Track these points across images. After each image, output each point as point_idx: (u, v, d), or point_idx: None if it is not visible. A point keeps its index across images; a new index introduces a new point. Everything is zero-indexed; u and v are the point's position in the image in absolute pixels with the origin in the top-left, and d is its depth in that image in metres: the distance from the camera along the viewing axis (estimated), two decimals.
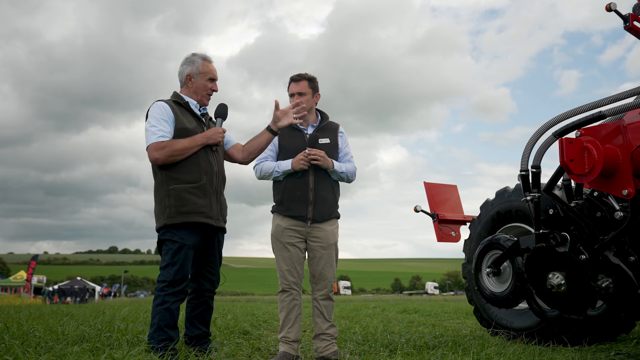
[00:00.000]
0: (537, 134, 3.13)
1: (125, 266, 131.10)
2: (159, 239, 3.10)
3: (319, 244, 3.40)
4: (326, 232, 3.42)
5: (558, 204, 3.12)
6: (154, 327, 2.97)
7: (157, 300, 3.00)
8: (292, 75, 3.54)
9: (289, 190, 3.40)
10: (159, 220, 3.09)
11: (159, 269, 3.06)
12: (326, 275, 3.42)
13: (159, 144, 3.03)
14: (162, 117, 3.09)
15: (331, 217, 3.46)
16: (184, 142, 3.07)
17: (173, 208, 3.03)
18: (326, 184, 3.45)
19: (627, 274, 2.79)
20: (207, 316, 3.30)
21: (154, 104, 3.17)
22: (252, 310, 9.08)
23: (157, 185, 3.13)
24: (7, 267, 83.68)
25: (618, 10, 2.73)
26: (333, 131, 3.58)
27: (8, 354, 2.77)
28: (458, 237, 5.21)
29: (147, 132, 3.09)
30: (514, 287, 3.32)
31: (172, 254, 3.02)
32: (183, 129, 3.12)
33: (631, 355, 3.46)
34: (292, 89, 3.49)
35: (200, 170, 3.11)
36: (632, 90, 2.83)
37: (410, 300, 25.01)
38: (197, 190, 3.08)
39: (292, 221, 3.38)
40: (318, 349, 3.37)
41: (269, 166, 3.44)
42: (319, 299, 3.42)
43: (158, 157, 3.03)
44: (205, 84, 3.25)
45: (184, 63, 3.27)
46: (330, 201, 3.47)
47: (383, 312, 9.58)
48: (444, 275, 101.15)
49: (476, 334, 4.60)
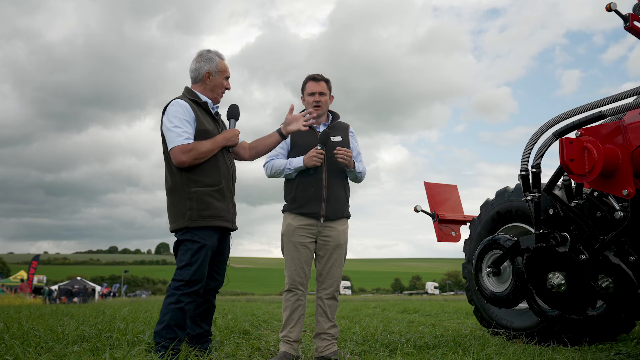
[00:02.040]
0: (537, 134, 3.12)
1: (125, 266, 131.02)
2: (178, 239, 3.07)
3: (329, 244, 3.42)
4: (337, 231, 3.44)
5: (558, 204, 3.12)
6: (163, 324, 2.93)
7: (172, 298, 2.96)
8: (310, 74, 3.56)
9: (302, 188, 3.41)
10: (177, 222, 3.06)
11: (176, 269, 3.04)
12: (334, 275, 3.44)
13: (186, 147, 3.01)
14: (185, 117, 3.06)
15: (343, 215, 3.49)
16: (207, 144, 3.07)
17: (195, 211, 3.02)
18: (339, 182, 3.47)
19: (627, 274, 2.79)
20: (209, 315, 3.30)
21: (175, 103, 3.11)
22: (252, 310, 9.09)
23: (175, 187, 3.09)
24: (7, 267, 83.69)
25: (618, 10, 2.73)
26: (344, 130, 3.61)
27: (8, 354, 2.77)
28: (458, 237, 5.21)
29: (170, 132, 3.05)
30: (514, 287, 3.32)
31: (191, 254, 3.00)
32: (204, 130, 3.11)
33: (631, 355, 3.46)
34: (313, 88, 3.50)
35: (219, 174, 3.13)
36: (632, 90, 2.83)
37: (411, 300, 25.00)
38: (217, 193, 3.10)
39: (304, 220, 3.38)
40: (318, 348, 3.37)
41: (280, 163, 3.44)
42: (324, 297, 3.43)
43: (185, 160, 3.01)
44: (222, 82, 3.27)
45: (200, 60, 3.24)
46: (343, 199, 3.49)
47: (383, 312, 9.58)
48: (444, 275, 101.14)
49: (476, 334, 4.60)
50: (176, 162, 3.03)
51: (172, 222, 3.10)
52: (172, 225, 3.10)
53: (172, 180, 3.11)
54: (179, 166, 3.05)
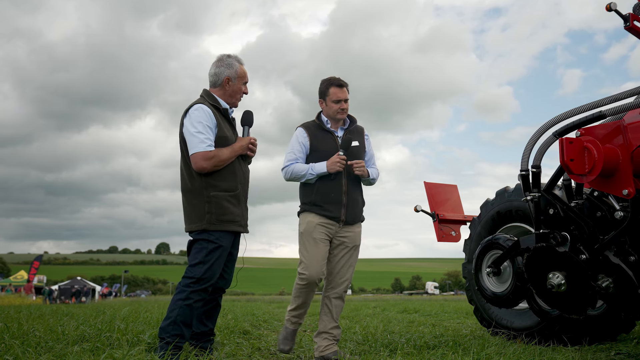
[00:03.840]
0: (537, 133, 3.13)
1: (125, 266, 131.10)
2: (193, 239, 3.11)
3: (345, 244, 3.46)
4: (354, 233, 3.48)
5: (558, 204, 3.12)
6: (169, 320, 2.94)
7: (181, 295, 2.98)
8: (332, 79, 3.52)
9: (323, 193, 3.42)
10: (194, 223, 3.10)
11: (188, 266, 3.07)
12: (346, 275, 3.47)
13: (208, 154, 3.06)
14: (208, 123, 3.11)
15: (360, 219, 3.53)
16: (226, 152, 3.13)
17: (214, 215, 3.07)
18: (357, 187, 3.52)
19: (627, 273, 2.79)
20: (215, 314, 3.32)
21: (199, 107, 3.14)
22: (252, 310, 9.09)
23: (194, 190, 3.13)
24: (7, 267, 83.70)
25: (618, 10, 2.73)
26: (360, 134, 3.63)
27: (8, 354, 2.78)
28: (458, 237, 5.21)
29: (192, 137, 3.08)
30: (514, 286, 3.32)
31: (205, 253, 3.04)
32: (224, 137, 3.16)
33: (631, 355, 3.46)
34: (339, 94, 3.47)
35: (236, 179, 3.18)
36: (632, 90, 2.83)
37: (411, 300, 25.02)
38: (233, 199, 3.15)
39: (325, 220, 3.40)
40: (319, 347, 3.37)
41: (302, 168, 3.44)
42: (332, 297, 3.45)
43: (205, 167, 3.06)
44: (241, 87, 3.31)
45: (220, 65, 3.27)
46: (360, 204, 3.54)
47: (383, 312, 9.58)
48: (444, 275, 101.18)
49: (476, 334, 4.60)
50: (197, 167, 3.08)
51: (190, 223, 3.14)
52: (188, 226, 3.15)
53: (191, 183, 3.15)
54: (199, 171, 3.10)
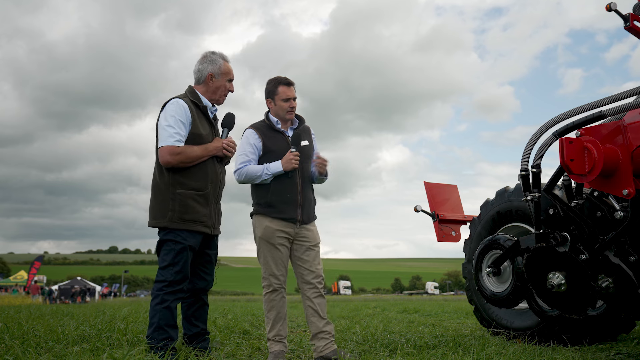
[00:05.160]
0: (537, 133, 3.12)
1: (125, 266, 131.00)
2: (161, 239, 3.09)
3: (308, 244, 3.45)
4: (312, 231, 3.50)
5: (558, 204, 3.12)
6: (153, 326, 2.96)
7: (157, 299, 2.99)
8: (279, 78, 3.50)
9: (278, 193, 3.39)
10: (157, 219, 3.09)
11: (158, 269, 3.05)
12: (317, 272, 3.46)
13: (175, 149, 3.02)
14: (181, 118, 3.08)
15: (314, 218, 3.56)
16: (197, 151, 3.09)
17: (177, 213, 3.04)
18: (309, 187, 3.55)
19: (627, 273, 2.79)
20: (203, 313, 3.31)
21: (174, 102, 3.13)
22: (252, 310, 9.09)
23: (161, 185, 3.11)
24: (7, 267, 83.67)
25: (618, 10, 2.72)
26: (308, 133, 3.64)
27: (8, 354, 2.78)
28: (458, 237, 5.21)
29: (163, 130, 3.07)
30: (514, 286, 3.32)
31: (174, 255, 3.02)
32: (197, 135, 3.13)
33: (631, 355, 3.46)
34: (288, 93, 3.45)
35: (207, 178, 3.14)
36: (633, 90, 2.83)
37: (411, 300, 25.01)
38: (201, 198, 3.12)
39: (282, 222, 3.38)
40: (318, 348, 3.37)
41: (256, 169, 3.39)
42: (312, 297, 3.43)
43: (170, 161, 3.03)
44: (225, 84, 3.28)
45: (204, 61, 3.26)
46: (314, 203, 3.57)
47: (383, 312, 9.57)
48: (444, 275, 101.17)
49: (476, 334, 4.60)
50: (162, 161, 3.06)
51: (152, 219, 3.13)
52: (151, 222, 3.13)
53: (160, 178, 3.13)
54: (164, 166, 3.07)
